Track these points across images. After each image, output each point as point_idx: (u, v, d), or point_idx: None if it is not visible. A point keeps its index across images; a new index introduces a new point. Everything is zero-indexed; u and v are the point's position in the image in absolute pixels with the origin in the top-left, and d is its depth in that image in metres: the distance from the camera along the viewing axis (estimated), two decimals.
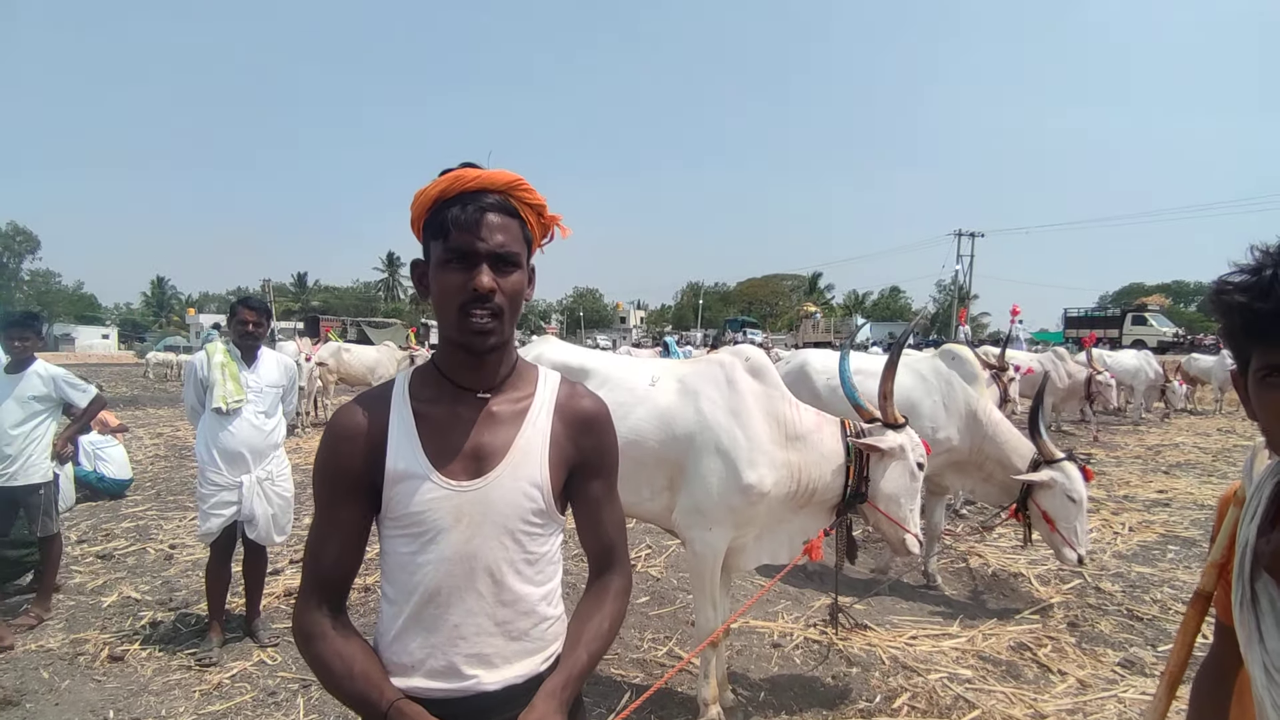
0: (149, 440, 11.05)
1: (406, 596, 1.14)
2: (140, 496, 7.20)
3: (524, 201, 1.17)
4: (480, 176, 1.13)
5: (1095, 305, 44.25)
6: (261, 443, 3.72)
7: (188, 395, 3.78)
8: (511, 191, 1.16)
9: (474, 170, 1.14)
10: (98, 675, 3.39)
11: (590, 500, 1.27)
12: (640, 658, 3.64)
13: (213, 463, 3.62)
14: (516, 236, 1.15)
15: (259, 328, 3.76)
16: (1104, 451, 10.04)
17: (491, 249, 1.11)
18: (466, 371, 1.19)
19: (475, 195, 1.12)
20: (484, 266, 1.10)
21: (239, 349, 3.75)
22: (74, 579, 4.70)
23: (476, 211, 1.11)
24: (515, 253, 1.14)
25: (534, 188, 1.19)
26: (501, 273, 1.12)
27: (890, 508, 2.81)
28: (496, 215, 1.13)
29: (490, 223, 1.12)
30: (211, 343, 3.82)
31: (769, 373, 2.98)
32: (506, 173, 1.16)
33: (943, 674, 3.42)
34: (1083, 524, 3.95)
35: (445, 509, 1.13)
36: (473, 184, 1.12)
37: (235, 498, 3.65)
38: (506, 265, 1.13)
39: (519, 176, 1.17)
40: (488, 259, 1.11)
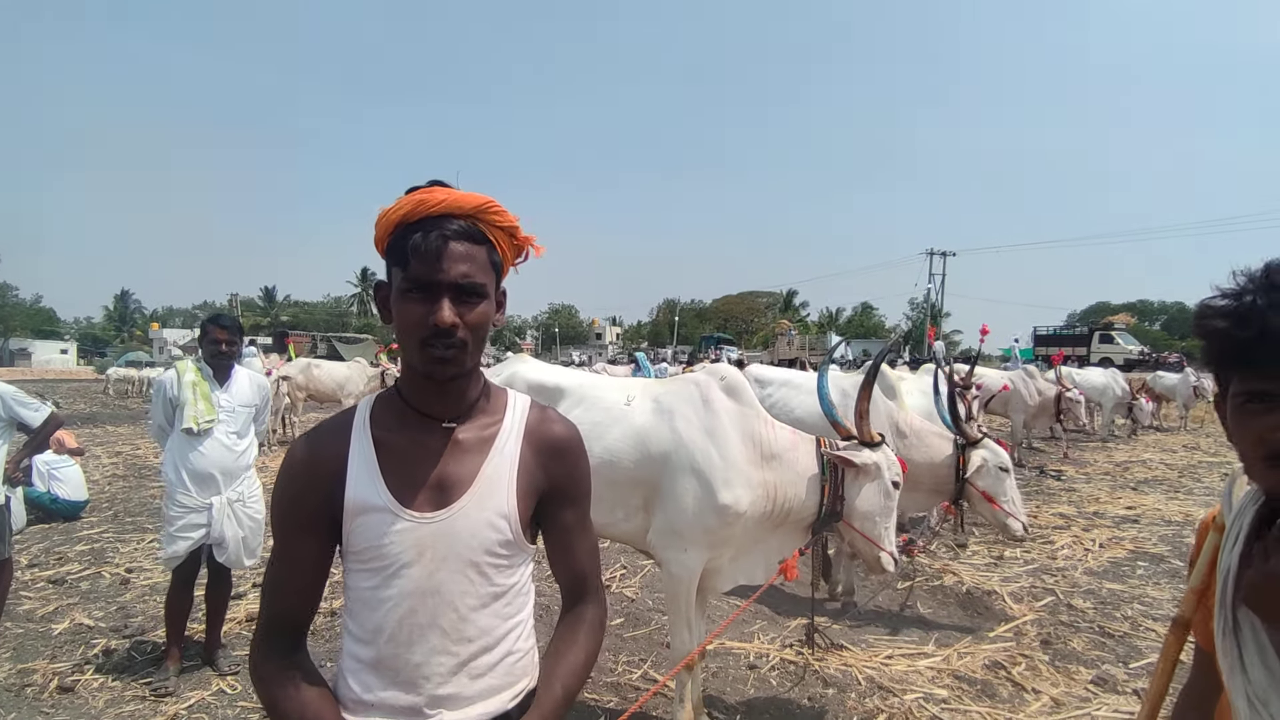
0: (107, 459, 10.76)
1: (369, 633, 1.09)
2: (97, 518, 6.96)
3: (494, 225, 1.12)
4: (447, 199, 1.07)
5: (1064, 323, 45.17)
6: (233, 464, 3.60)
7: (155, 414, 3.66)
8: (480, 215, 1.10)
9: (441, 192, 1.08)
10: (46, 707, 3.23)
11: (562, 529, 1.21)
12: (615, 681, 3.57)
13: (181, 484, 3.49)
14: (483, 265, 1.10)
15: (231, 346, 3.66)
16: (1074, 468, 10.17)
17: (453, 280, 1.05)
18: (430, 399, 1.14)
19: (439, 220, 1.06)
20: (445, 300, 1.05)
21: (211, 368, 3.65)
22: (23, 605, 4.51)
23: (439, 240, 1.05)
24: (479, 284, 1.08)
25: (505, 209, 1.13)
26: (465, 304, 1.07)
27: (865, 526, 2.79)
28: (461, 243, 1.07)
29: (453, 252, 1.06)
30: (181, 360, 3.72)
31: (744, 392, 2.96)
32: (475, 195, 1.10)
33: (919, 694, 3.39)
34: (1016, 494, 3.99)
35: (407, 542, 1.07)
36: (437, 208, 1.07)
37: (204, 520, 3.52)
38: (470, 296, 1.07)
39: (489, 199, 1.11)
40: (450, 291, 1.05)
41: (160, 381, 3.68)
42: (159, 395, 3.62)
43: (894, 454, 2.90)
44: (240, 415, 3.67)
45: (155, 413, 3.67)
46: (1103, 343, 31.23)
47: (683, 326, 63.17)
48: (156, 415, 3.66)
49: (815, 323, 65.19)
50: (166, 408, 3.59)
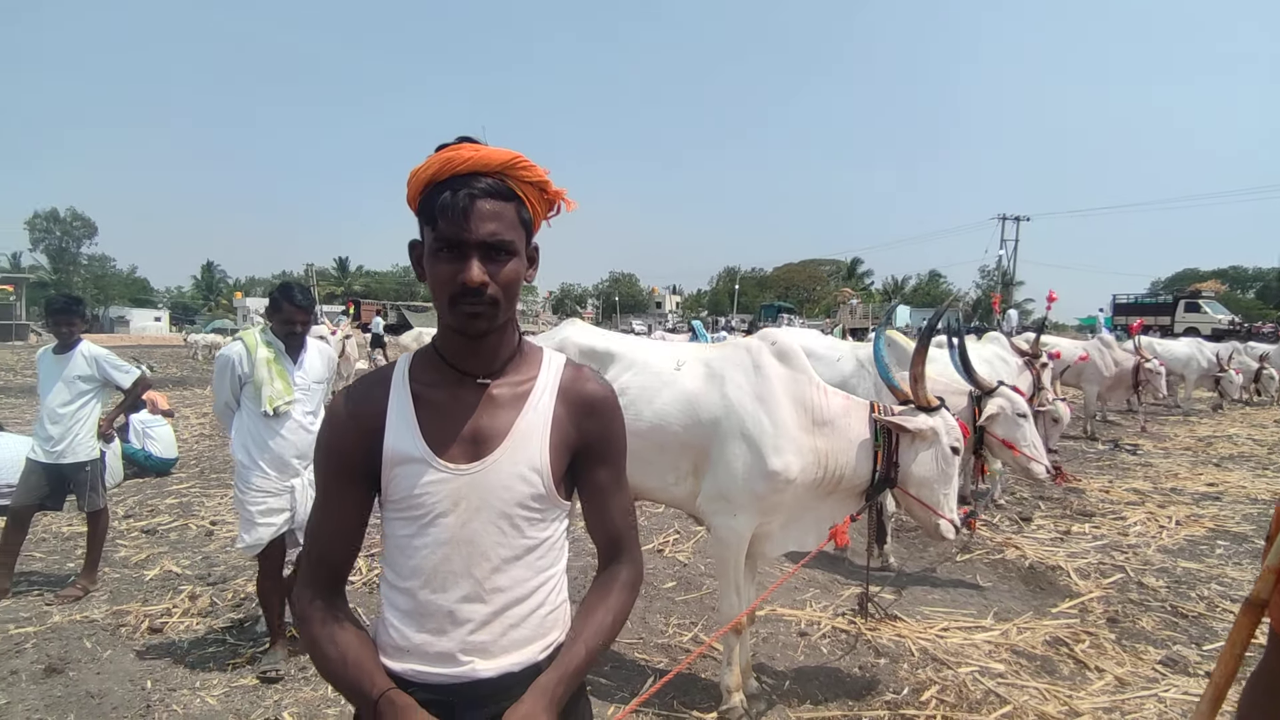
0: (195, 420, 11.36)
1: (404, 580, 1.13)
2: (185, 474, 7.42)
3: (522, 180, 1.11)
4: (473, 157, 1.07)
5: (1146, 291, 42.73)
6: (309, 443, 3.34)
7: (221, 391, 3.37)
8: (508, 172, 1.10)
9: (468, 149, 1.08)
10: (137, 646, 3.50)
11: (596, 488, 1.23)
12: (665, 643, 3.63)
13: (258, 468, 3.27)
14: (511, 222, 1.10)
15: (306, 327, 3.44)
16: (1152, 442, 9.71)
17: (482, 239, 1.06)
18: (465, 356, 1.16)
19: (467, 179, 1.07)
20: (474, 259, 1.06)
21: (282, 341, 3.39)
22: (119, 552, 4.87)
23: (467, 198, 1.05)
24: (508, 240, 1.09)
25: (533, 163, 1.13)
26: (495, 262, 1.08)
27: (922, 492, 2.75)
28: (489, 201, 1.07)
29: (481, 210, 1.06)
30: (246, 332, 3.41)
31: (796, 357, 2.91)
32: (502, 151, 1.10)
33: (974, 668, 3.34)
34: (1037, 439, 3.87)
35: (442, 493, 1.11)
36: (464, 166, 1.07)
37: (286, 504, 3.32)
38: (500, 254, 1.08)
39: (516, 154, 1.11)
40: (478, 249, 1.06)
41: (225, 356, 3.33)
42: (225, 371, 3.33)
43: (954, 418, 2.82)
44: (315, 393, 3.49)
45: (220, 389, 3.37)
46: (1189, 311, 29.42)
47: (743, 295, 62.47)
48: (222, 392, 3.37)
49: (879, 291, 63.49)
50: (234, 385, 3.33)
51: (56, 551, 4.93)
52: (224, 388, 3.36)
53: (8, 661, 3.30)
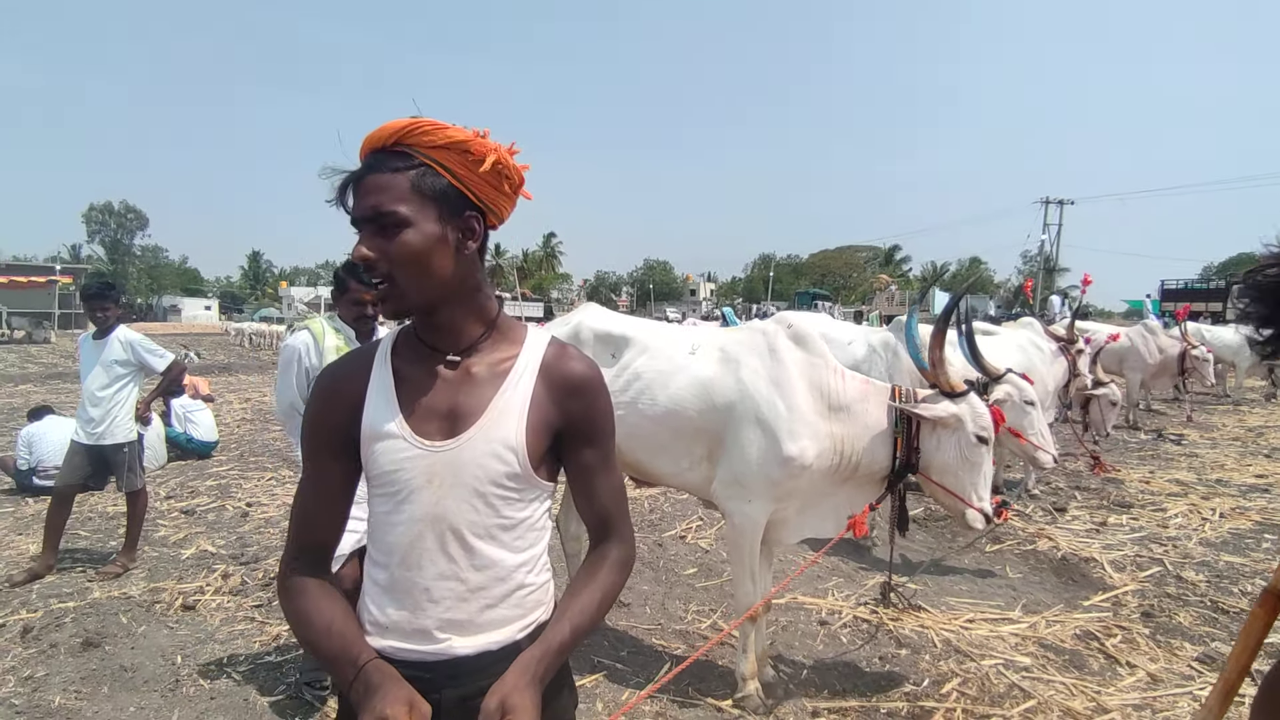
0: (238, 405, 11.69)
1: (383, 556, 1.14)
2: (225, 457, 7.63)
3: (424, 145, 1.07)
4: (370, 135, 1.09)
5: (1197, 276, 41.16)
6: None
7: (285, 389, 2.94)
8: (404, 139, 1.07)
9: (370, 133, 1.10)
10: (171, 622, 3.62)
11: (582, 468, 1.21)
12: (684, 629, 3.63)
13: None
14: (401, 192, 1.06)
15: (377, 310, 2.96)
16: (1198, 432, 9.37)
17: (362, 214, 1.07)
18: (430, 333, 1.16)
19: (367, 158, 1.09)
20: (361, 234, 1.07)
21: (353, 330, 3.02)
22: (159, 532, 5.03)
23: (353, 176, 1.08)
24: (392, 211, 1.05)
25: (443, 125, 1.08)
26: (386, 237, 1.06)
27: (947, 480, 2.67)
28: (374, 175, 1.07)
29: (365, 185, 1.07)
30: (312, 320, 3.03)
31: (812, 340, 2.86)
32: (394, 122, 1.08)
33: (998, 660, 3.26)
34: (1044, 427, 3.81)
35: (417, 469, 1.11)
36: (365, 145, 1.10)
37: (365, 513, 2.80)
38: (389, 227, 1.06)
39: (413, 120, 1.07)
40: (365, 226, 1.07)
41: (291, 348, 2.92)
42: (290, 365, 2.93)
43: (983, 405, 2.72)
44: None
45: (285, 387, 2.95)
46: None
47: (778, 282, 61.90)
48: (287, 390, 2.94)
49: (918, 278, 62.34)
50: (301, 380, 2.90)
51: (101, 530, 5.11)
52: (289, 384, 2.92)
53: (49, 635, 3.44)
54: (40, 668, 3.15)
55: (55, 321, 30.72)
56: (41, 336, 27.31)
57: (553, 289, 66.46)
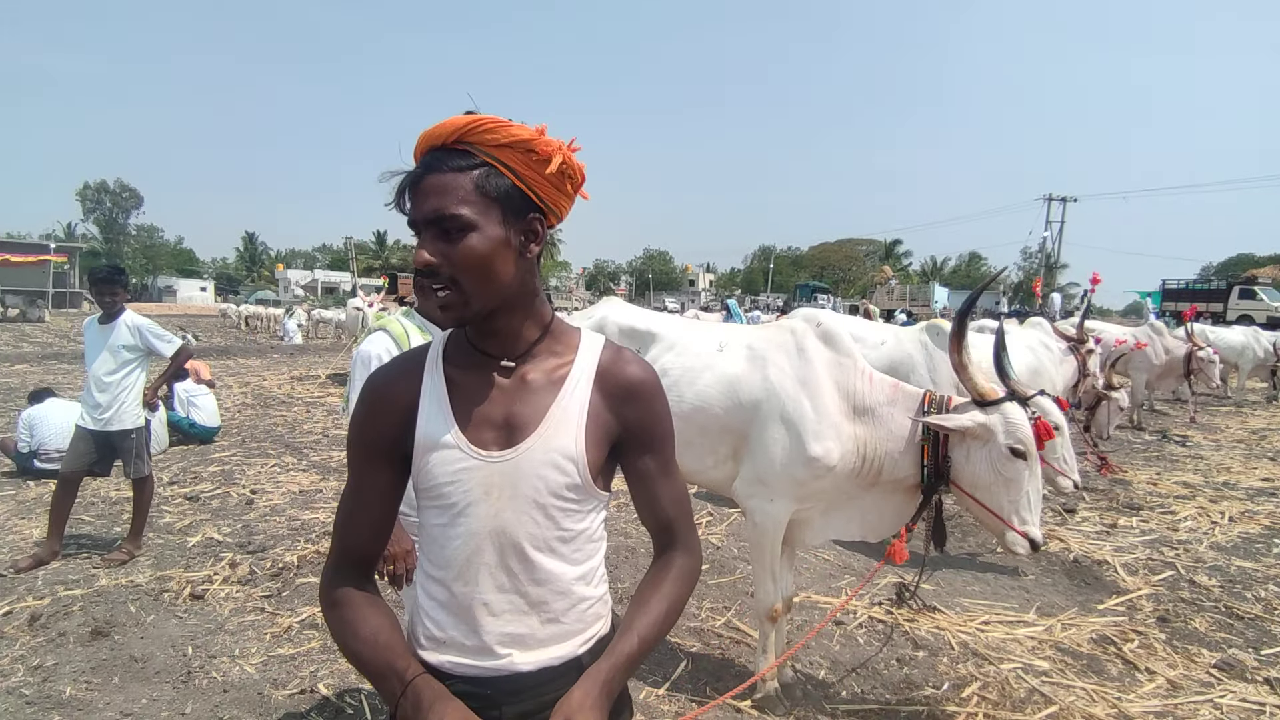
0: (238, 389, 11.61)
1: (439, 570, 1.10)
2: (227, 443, 7.57)
3: (488, 144, 1.03)
4: (428, 132, 1.03)
5: (1197, 276, 41.21)
6: None
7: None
8: (465, 138, 1.02)
9: (427, 129, 1.04)
10: (180, 612, 3.57)
11: (643, 475, 1.17)
12: (698, 627, 3.60)
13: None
14: (465, 194, 1.01)
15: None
16: (1202, 434, 9.37)
17: (425, 217, 1.01)
18: (484, 338, 1.12)
19: (424, 157, 1.03)
20: (424, 238, 1.03)
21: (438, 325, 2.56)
22: (164, 518, 4.98)
23: (412, 177, 1.03)
24: (455, 214, 1.00)
25: (506, 122, 1.03)
26: (450, 240, 1.01)
27: (979, 495, 2.48)
28: (435, 175, 1.02)
29: (425, 187, 1.02)
30: (388, 318, 2.51)
31: (841, 340, 2.80)
32: (458, 117, 1.03)
33: (1017, 664, 3.24)
34: (1069, 452, 3.74)
35: (474, 481, 1.06)
36: (422, 142, 1.04)
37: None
38: (454, 230, 1.01)
39: (474, 117, 1.02)
40: (427, 228, 1.02)
41: (368, 355, 2.29)
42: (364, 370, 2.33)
43: (1023, 414, 2.50)
44: None
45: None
46: (1243, 298, 28.23)
47: (777, 274, 61.87)
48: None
49: (917, 272, 62.31)
50: None
51: (104, 516, 5.06)
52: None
53: (57, 623, 3.39)
54: (49, 656, 3.10)
55: (49, 300, 30.45)
56: (36, 315, 27.10)
57: (551, 277, 66.28)
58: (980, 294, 3.09)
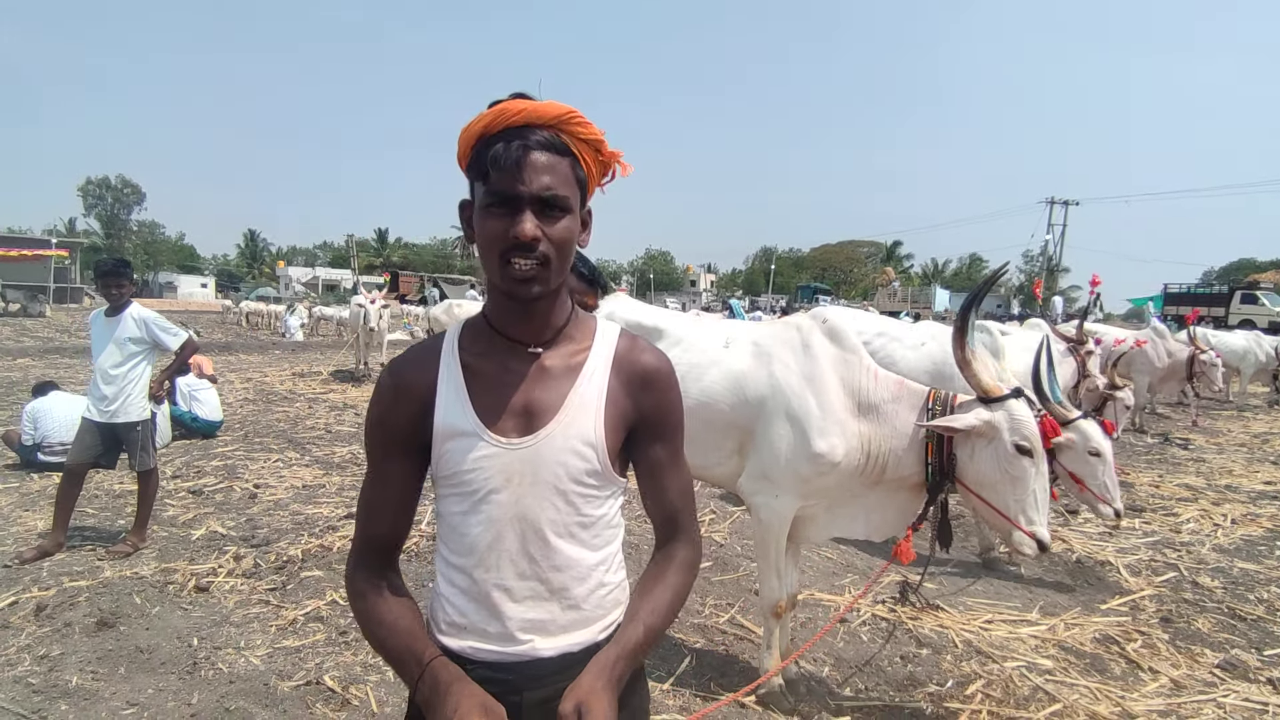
0: (239, 384, 11.61)
1: (459, 557, 1.11)
2: (229, 437, 7.57)
3: (577, 137, 1.06)
4: (526, 109, 1.02)
5: (1199, 281, 41.22)
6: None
7: None
8: (562, 126, 1.04)
9: (520, 103, 1.03)
10: (185, 604, 3.58)
11: (652, 464, 1.18)
12: (701, 623, 3.60)
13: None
14: (566, 178, 1.04)
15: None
16: (1204, 438, 9.38)
17: (535, 193, 1.01)
18: (515, 323, 1.11)
19: (520, 131, 1.02)
20: (527, 213, 1.01)
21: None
22: (167, 511, 4.99)
23: (520, 150, 1.00)
24: (563, 196, 1.03)
25: (590, 121, 1.07)
26: (547, 219, 1.02)
27: (985, 493, 2.45)
28: (543, 154, 1.02)
29: (535, 163, 1.01)
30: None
31: (847, 336, 2.81)
32: (557, 104, 1.04)
33: (1020, 663, 3.25)
34: (1111, 479, 3.68)
35: (495, 468, 1.07)
36: (517, 118, 1.02)
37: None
38: (553, 210, 1.03)
39: (571, 109, 1.05)
40: (532, 204, 1.01)
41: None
42: None
43: (1029, 411, 2.47)
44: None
45: None
46: (1245, 303, 28.24)
47: (779, 275, 61.81)
48: None
49: (918, 274, 62.35)
50: None
51: (108, 508, 5.07)
52: None
53: (63, 614, 3.40)
54: (55, 646, 3.11)
55: (50, 295, 30.54)
56: (37, 310, 27.16)
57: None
58: (985, 291, 3.05)
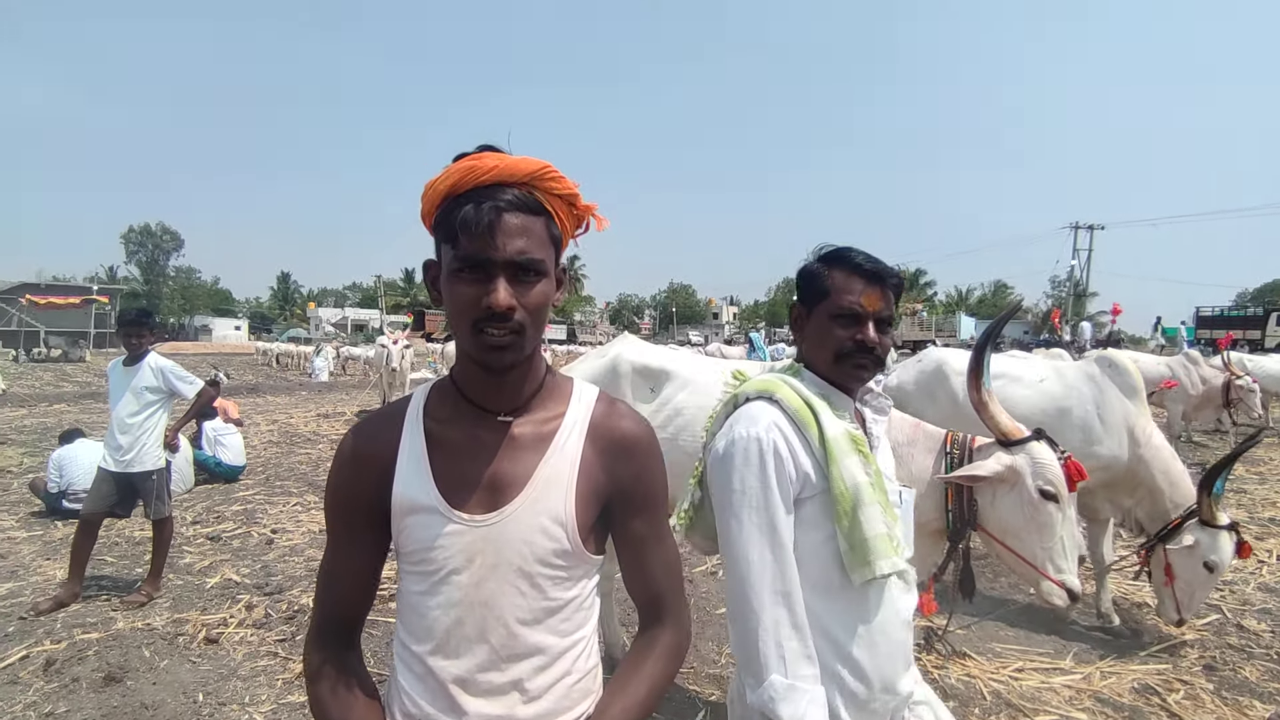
0: (265, 426, 11.74)
1: (417, 642, 1.04)
2: (251, 481, 7.62)
3: (551, 193, 1.01)
4: (498, 166, 0.97)
5: (1233, 303, 40.24)
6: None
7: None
8: (536, 183, 0.99)
9: (492, 157, 0.98)
10: (194, 656, 3.55)
11: (631, 539, 1.10)
12: (717, 674, 3.48)
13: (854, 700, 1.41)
14: (540, 239, 0.99)
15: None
16: (1244, 467, 9.01)
17: (509, 257, 0.95)
18: (485, 390, 1.05)
19: (491, 190, 0.96)
20: (500, 280, 0.95)
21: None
22: (185, 559, 4.99)
23: (492, 212, 0.94)
24: (538, 260, 0.98)
25: (563, 175, 1.02)
26: (522, 285, 0.97)
27: (1010, 541, 2.29)
28: (516, 215, 0.96)
29: (508, 226, 0.95)
30: (775, 382, 1.44)
31: None
32: (530, 160, 0.99)
33: (1053, 716, 3.08)
34: (1203, 594, 3.54)
35: (456, 547, 1.00)
36: (488, 176, 0.96)
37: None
38: (528, 275, 0.97)
39: (544, 163, 1.00)
40: (505, 270, 0.96)
41: (755, 441, 1.34)
42: (764, 469, 1.40)
43: (1052, 454, 2.30)
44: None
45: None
46: None
47: None
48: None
49: (942, 302, 61.76)
50: (786, 489, 1.35)
51: (127, 556, 5.09)
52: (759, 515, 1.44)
53: (71, 668, 3.38)
54: (61, 703, 3.09)
55: (90, 340, 31.39)
56: (77, 355, 27.93)
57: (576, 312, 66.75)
58: (1002, 325, 2.94)
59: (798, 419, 1.37)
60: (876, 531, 1.30)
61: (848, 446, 1.34)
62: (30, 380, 19.72)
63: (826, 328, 1.40)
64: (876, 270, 1.39)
